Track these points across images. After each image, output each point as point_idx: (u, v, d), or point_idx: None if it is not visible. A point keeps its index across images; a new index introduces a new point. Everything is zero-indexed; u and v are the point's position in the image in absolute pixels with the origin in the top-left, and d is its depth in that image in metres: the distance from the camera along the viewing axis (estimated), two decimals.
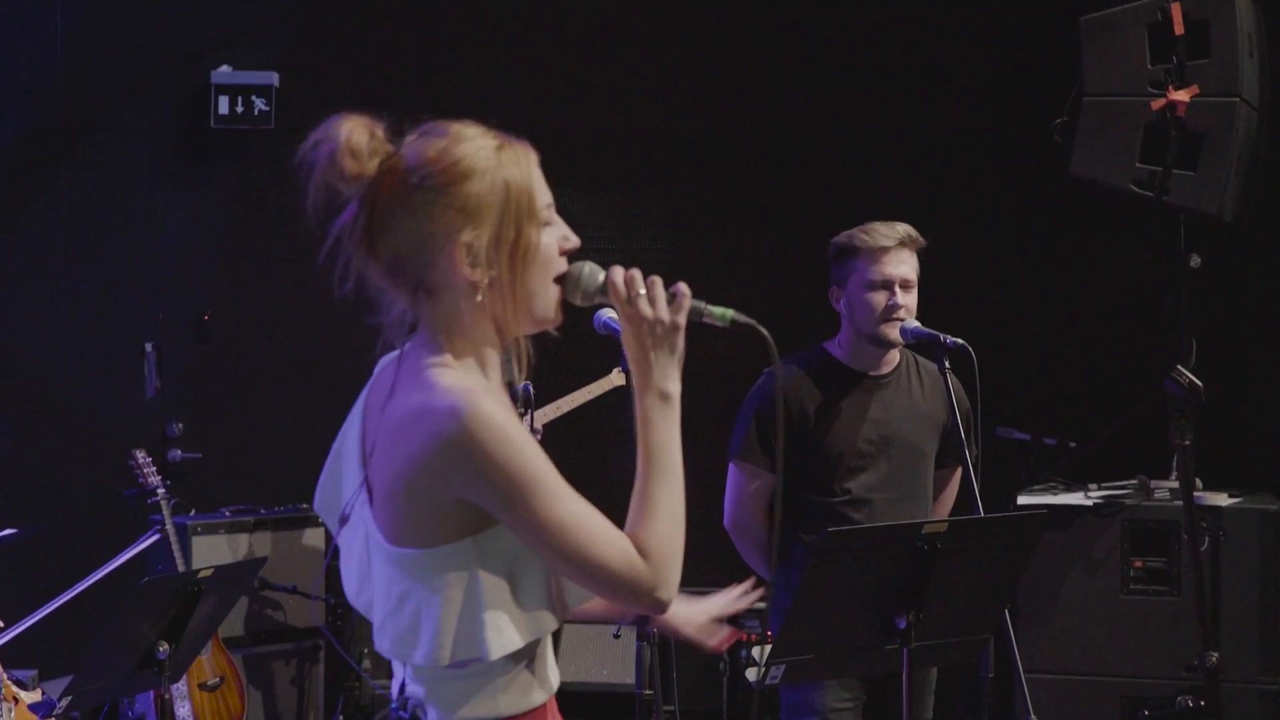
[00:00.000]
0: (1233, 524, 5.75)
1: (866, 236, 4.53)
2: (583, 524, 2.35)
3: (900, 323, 4.48)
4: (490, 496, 2.33)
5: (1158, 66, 5.91)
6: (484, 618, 2.36)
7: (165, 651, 4.40)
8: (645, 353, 2.46)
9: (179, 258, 7.78)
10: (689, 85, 7.72)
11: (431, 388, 2.37)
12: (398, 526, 2.39)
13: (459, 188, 2.42)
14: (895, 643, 3.76)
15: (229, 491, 7.31)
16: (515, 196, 2.44)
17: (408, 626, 2.40)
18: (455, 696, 2.44)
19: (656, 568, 2.38)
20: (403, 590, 2.39)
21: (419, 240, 2.43)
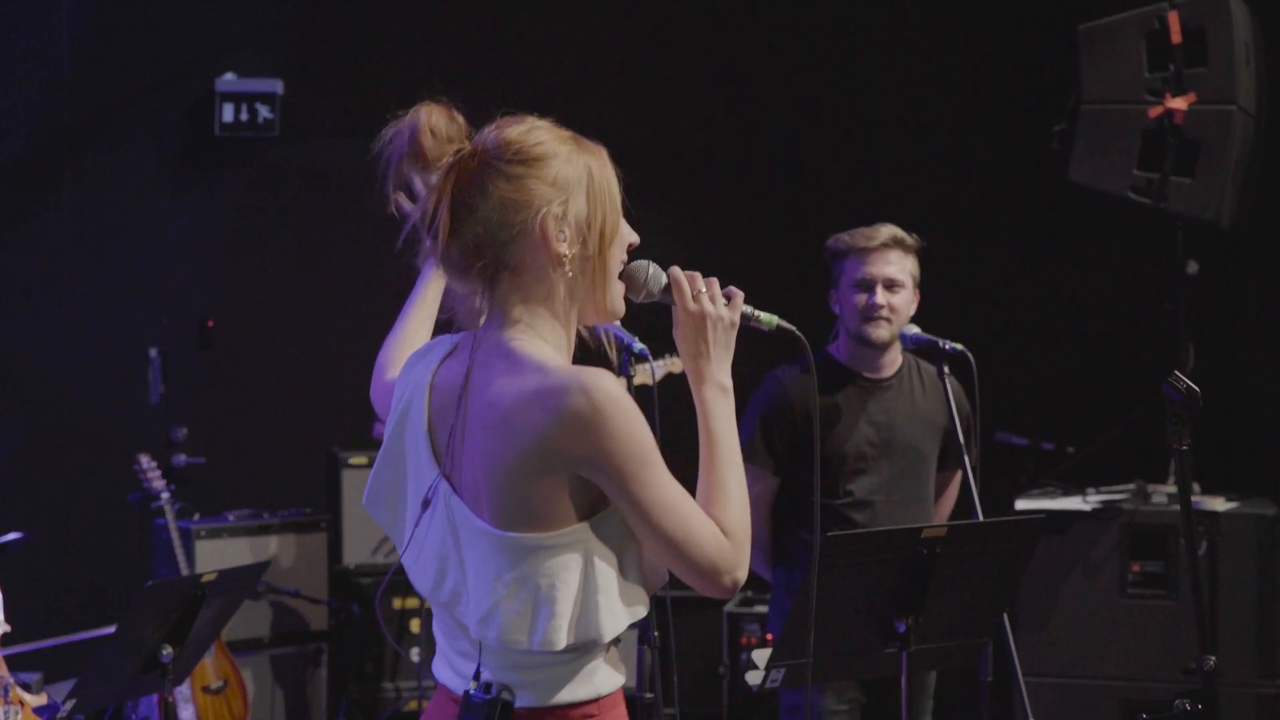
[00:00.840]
0: (1230, 528, 5.78)
1: (849, 238, 4.62)
2: (686, 504, 2.44)
3: (884, 322, 4.52)
4: (609, 472, 2.38)
5: (1155, 74, 5.94)
6: (598, 600, 2.42)
7: (169, 655, 4.41)
8: (705, 348, 2.58)
9: (183, 263, 7.80)
10: (689, 93, 7.75)
11: (543, 369, 2.41)
12: (509, 511, 2.41)
13: (547, 163, 2.50)
14: (895, 646, 3.78)
15: (233, 496, 7.34)
16: (597, 181, 2.52)
17: (521, 613, 2.42)
18: (556, 681, 2.48)
19: (737, 548, 2.48)
20: (516, 576, 2.41)
21: (506, 215, 2.48)
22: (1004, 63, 7.64)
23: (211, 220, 7.84)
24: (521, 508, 2.40)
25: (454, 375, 2.52)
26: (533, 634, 2.42)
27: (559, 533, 2.41)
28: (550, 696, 2.48)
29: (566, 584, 2.41)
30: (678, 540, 2.42)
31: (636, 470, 2.39)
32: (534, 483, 2.39)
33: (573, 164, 2.51)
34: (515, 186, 2.47)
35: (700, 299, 2.59)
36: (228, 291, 7.84)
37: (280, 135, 7.66)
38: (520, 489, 2.40)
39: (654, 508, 2.41)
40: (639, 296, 2.60)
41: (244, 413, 7.82)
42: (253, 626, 7.00)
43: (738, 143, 7.76)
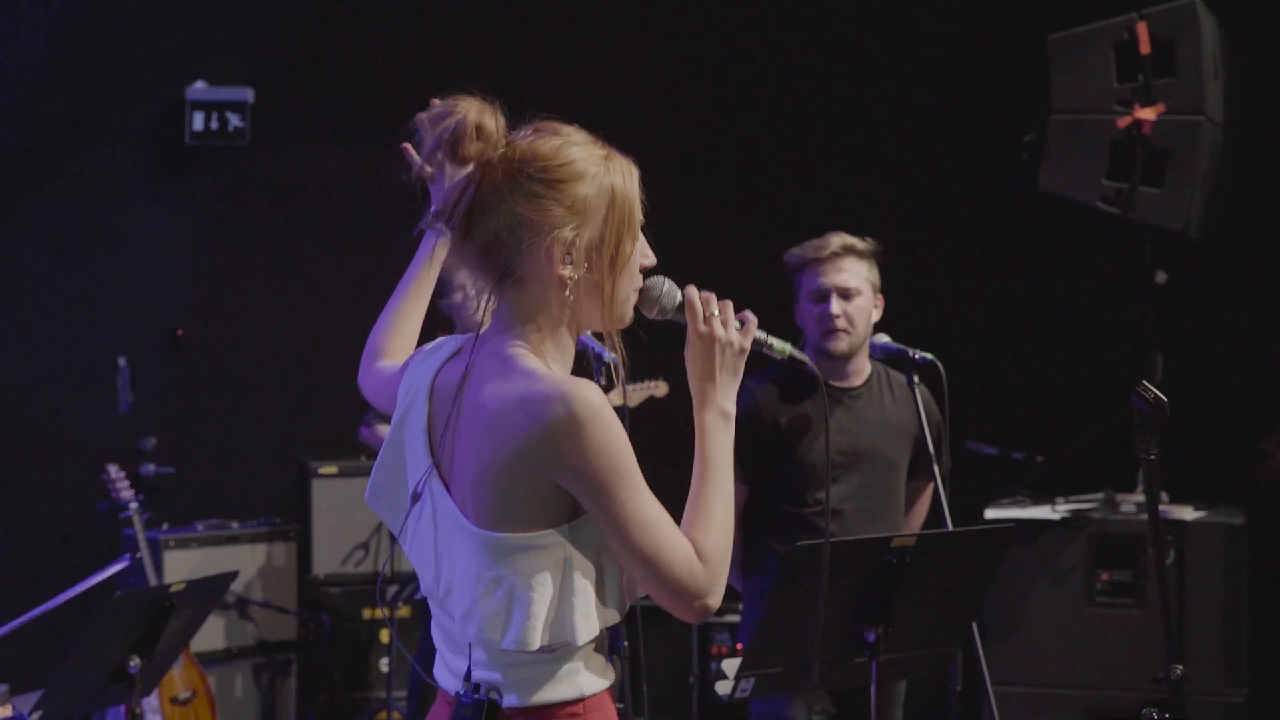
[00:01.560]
0: (1198, 537, 5.80)
1: (800, 251, 4.63)
2: (660, 523, 2.45)
3: (842, 334, 4.53)
4: (585, 483, 2.41)
5: (1124, 85, 5.97)
6: (575, 603, 2.45)
7: (136, 666, 4.39)
8: (712, 371, 2.60)
9: (153, 272, 7.78)
10: (661, 105, 7.76)
11: (531, 375, 2.45)
12: (491, 511, 2.45)
13: (569, 186, 2.52)
14: (864, 655, 3.78)
15: (202, 506, 7.32)
16: (619, 205, 2.55)
17: (497, 611, 2.45)
18: (538, 680, 2.50)
19: (711, 573, 2.48)
20: (494, 575, 2.45)
21: (519, 228, 2.51)
22: (974, 73, 7.66)
23: (182, 229, 7.82)
24: (502, 508, 2.44)
25: (454, 376, 2.56)
26: (507, 631, 2.45)
27: (538, 534, 2.44)
28: (533, 695, 2.50)
29: (543, 585, 2.44)
30: (648, 557, 2.44)
31: (612, 484, 2.41)
32: (514, 486, 2.43)
33: (596, 186, 2.54)
34: (532, 205, 2.51)
35: (712, 321, 2.62)
36: (198, 300, 7.82)
37: (251, 144, 7.65)
38: (501, 490, 2.43)
39: (627, 523, 2.42)
40: (652, 313, 2.63)
41: (213, 422, 7.80)
42: (221, 637, 6.97)
43: (710, 152, 7.77)
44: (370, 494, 2.67)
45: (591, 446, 2.39)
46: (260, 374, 7.86)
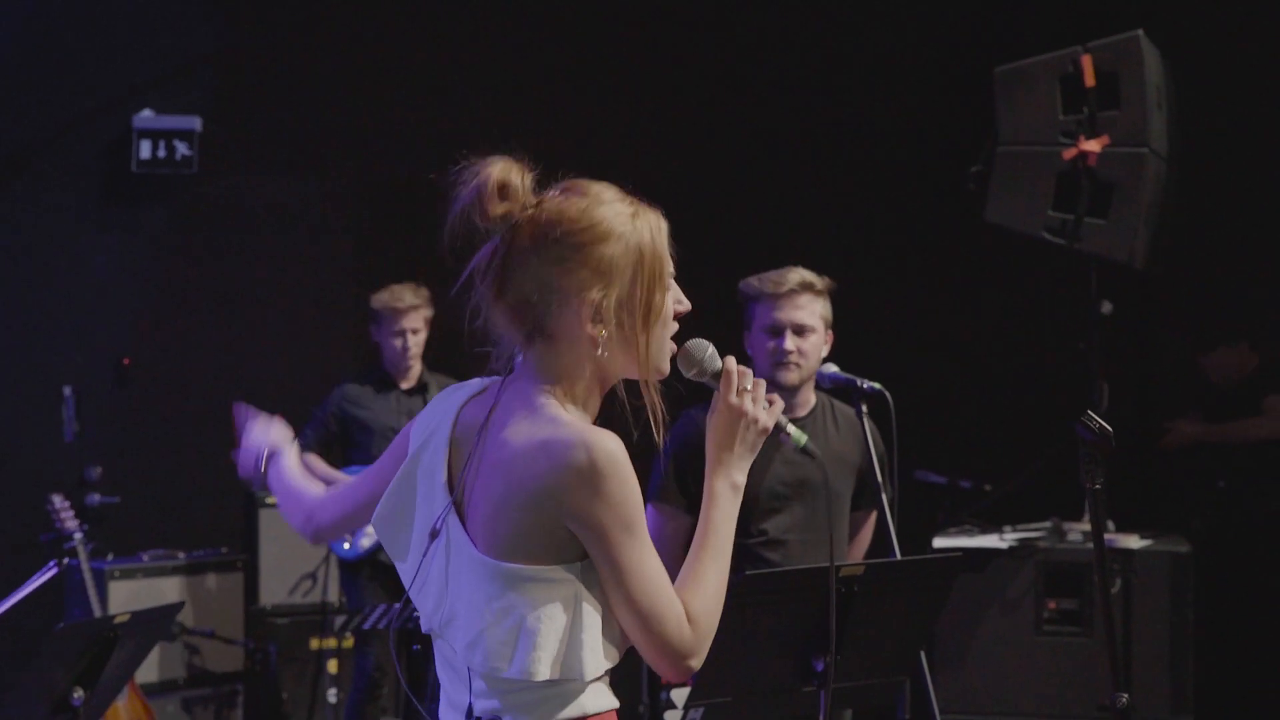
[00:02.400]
0: (1144, 565, 5.84)
1: (758, 283, 4.62)
2: (659, 581, 2.51)
3: (794, 367, 4.53)
4: (593, 531, 2.46)
5: (1069, 117, 6.02)
6: (584, 639, 2.49)
7: (80, 698, 4.35)
8: (733, 442, 2.69)
9: (99, 301, 7.73)
10: (606, 125, 7.77)
11: (556, 422, 2.50)
12: (504, 542, 2.49)
13: (595, 249, 2.56)
14: (813, 685, 3.78)
15: (147, 536, 7.27)
16: (648, 262, 2.59)
17: (505, 640, 2.49)
18: (541, 704, 2.52)
19: (699, 636, 2.55)
20: (504, 605, 2.49)
21: (548, 291, 2.55)
22: (921, 104, 7.72)
23: (129, 257, 7.78)
24: (515, 540, 2.48)
25: (477, 414, 2.61)
26: (513, 661, 2.49)
27: (550, 568, 2.48)
28: (536, 717, 2.53)
29: (552, 618, 2.48)
30: (643, 612, 2.49)
31: (620, 536, 2.47)
32: (528, 522, 2.48)
33: (623, 246, 2.58)
34: (561, 269, 2.55)
35: (744, 396, 2.68)
36: (144, 329, 7.78)
37: (199, 172, 7.62)
38: (515, 524, 2.48)
39: (628, 575, 2.48)
40: (689, 373, 2.69)
41: (160, 452, 7.75)
42: (167, 668, 6.92)
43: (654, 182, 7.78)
44: (377, 518, 2.70)
45: (605, 496, 2.45)
46: (207, 403, 7.80)
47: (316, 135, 7.83)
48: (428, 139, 7.60)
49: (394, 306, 6.67)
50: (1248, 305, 7.64)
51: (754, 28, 7.94)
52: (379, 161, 7.75)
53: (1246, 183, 7.61)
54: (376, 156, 7.76)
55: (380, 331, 6.75)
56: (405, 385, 6.80)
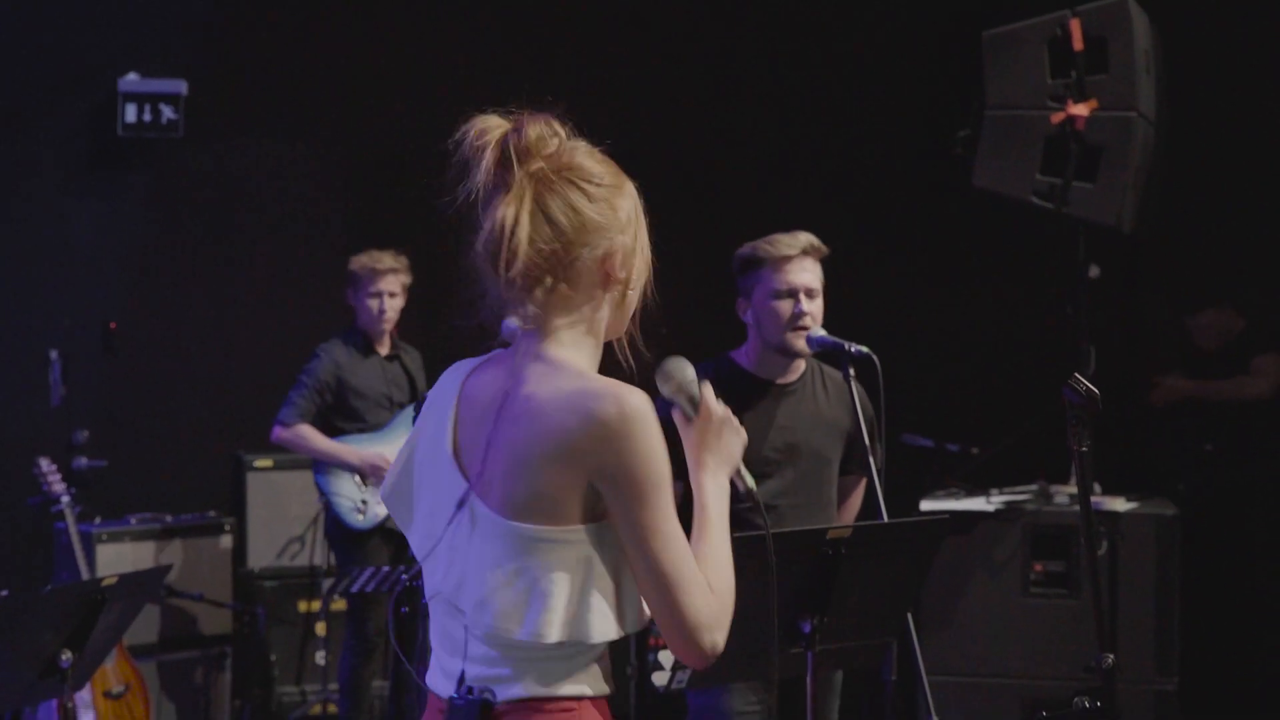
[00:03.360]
0: (1130, 528, 5.86)
1: (770, 247, 4.56)
2: (683, 546, 2.49)
3: (806, 331, 4.52)
4: (620, 488, 2.45)
5: (1057, 81, 6.02)
6: (592, 602, 2.47)
7: (68, 660, 4.35)
8: (719, 447, 2.73)
9: (86, 265, 7.71)
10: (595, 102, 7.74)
11: (584, 377, 2.51)
12: (518, 501, 2.47)
13: (620, 198, 2.63)
14: (800, 646, 3.80)
15: (135, 499, 7.26)
16: (641, 225, 2.67)
17: (516, 602, 2.47)
18: (544, 674, 2.51)
19: (722, 609, 2.53)
20: (516, 566, 2.47)
21: (583, 233, 2.56)
22: (909, 69, 7.71)
23: (115, 221, 7.76)
24: (530, 499, 2.46)
25: (486, 384, 2.59)
26: (524, 623, 2.47)
27: (564, 529, 2.46)
28: (530, 689, 2.51)
29: (564, 580, 2.46)
30: (670, 579, 2.46)
31: (647, 493, 2.46)
32: (549, 478, 2.46)
33: (631, 199, 2.65)
34: (596, 209, 2.58)
35: (722, 418, 2.73)
36: (131, 293, 7.76)
37: (184, 136, 7.59)
38: (532, 480, 2.46)
39: (655, 536, 2.46)
40: (668, 389, 2.72)
41: (147, 416, 7.74)
42: (155, 631, 6.93)
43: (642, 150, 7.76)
44: (386, 493, 2.71)
45: (635, 451, 2.44)
46: (194, 367, 7.81)
47: (303, 99, 7.81)
48: (416, 103, 7.57)
49: (373, 268, 6.65)
50: (1234, 269, 7.65)
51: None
52: (367, 125, 7.73)
53: (1234, 147, 7.62)
54: (364, 120, 7.74)
55: (357, 294, 6.73)
56: (382, 351, 6.78)
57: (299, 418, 6.55)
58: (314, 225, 7.91)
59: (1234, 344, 7.51)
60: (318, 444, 6.58)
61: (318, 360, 6.66)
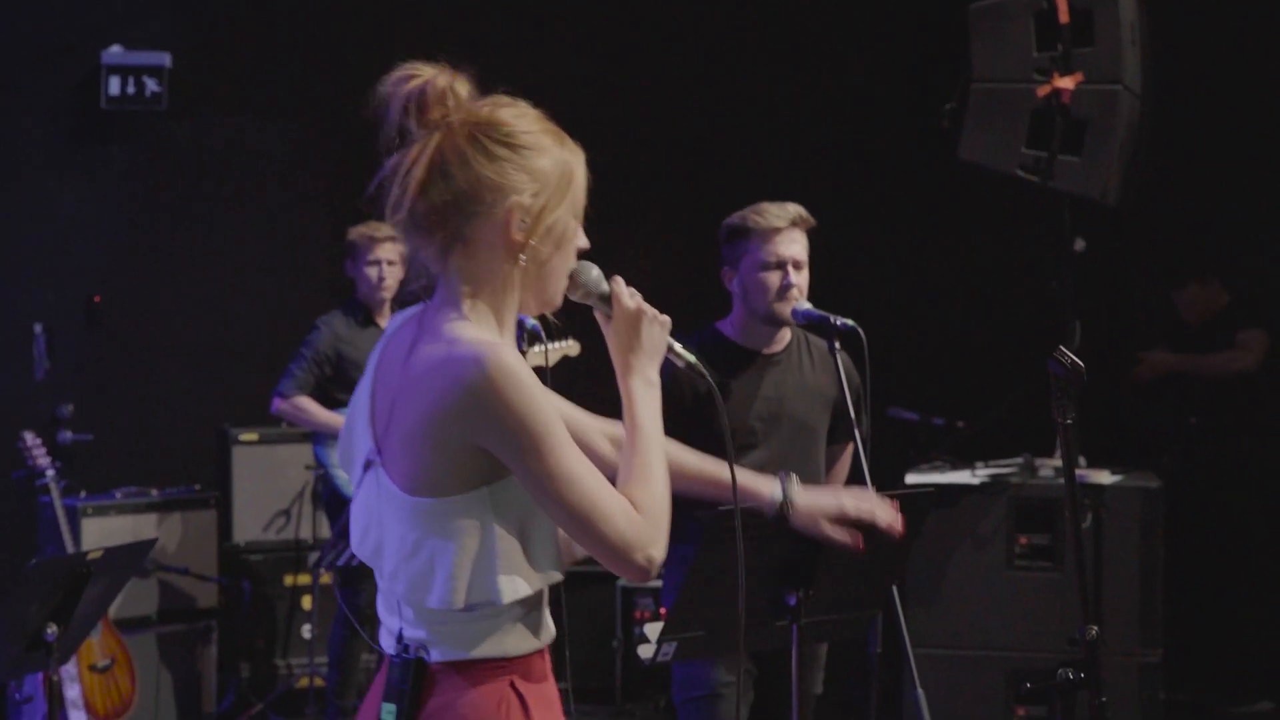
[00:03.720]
0: (1115, 501, 5.87)
1: (759, 217, 4.56)
2: (591, 479, 2.49)
3: (794, 301, 4.52)
4: (506, 444, 2.45)
5: (1044, 54, 6.01)
6: (497, 564, 2.48)
7: (53, 634, 4.35)
8: (639, 344, 2.71)
9: (70, 239, 7.69)
10: (578, 68, 7.74)
11: (453, 340, 2.48)
12: (415, 477, 2.49)
13: (532, 154, 2.55)
14: (785, 619, 3.80)
15: (120, 473, 7.25)
16: (572, 185, 2.60)
17: (422, 572, 2.50)
18: (466, 637, 2.54)
19: (651, 525, 2.53)
20: (417, 538, 2.49)
21: (477, 191, 2.53)
22: (895, 42, 7.70)
23: (98, 195, 7.74)
24: (423, 473, 2.48)
25: (398, 345, 2.60)
26: (430, 592, 2.50)
27: (458, 498, 2.48)
28: (461, 651, 2.54)
29: (464, 547, 2.48)
30: (582, 513, 2.48)
31: (533, 444, 2.45)
32: (434, 449, 2.46)
33: (553, 160, 2.58)
34: (495, 168, 2.53)
35: (637, 298, 2.72)
36: (115, 267, 7.75)
37: (168, 109, 7.57)
38: (423, 454, 2.48)
39: (554, 480, 2.46)
40: (576, 295, 2.70)
41: (132, 389, 7.73)
42: (141, 604, 6.93)
43: (628, 121, 7.76)
44: (339, 456, 2.73)
45: (508, 406, 2.42)
46: (179, 340, 7.80)
47: (288, 72, 7.78)
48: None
49: (371, 236, 6.63)
50: (1219, 242, 7.66)
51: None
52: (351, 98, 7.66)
53: (1219, 120, 7.62)
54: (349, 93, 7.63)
55: (356, 264, 6.71)
56: (381, 323, 6.77)
57: (298, 390, 6.55)
58: (298, 198, 7.89)
59: (1219, 318, 7.52)
60: (317, 416, 6.58)
61: (317, 333, 6.64)
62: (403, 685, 2.54)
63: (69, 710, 6.14)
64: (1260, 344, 7.39)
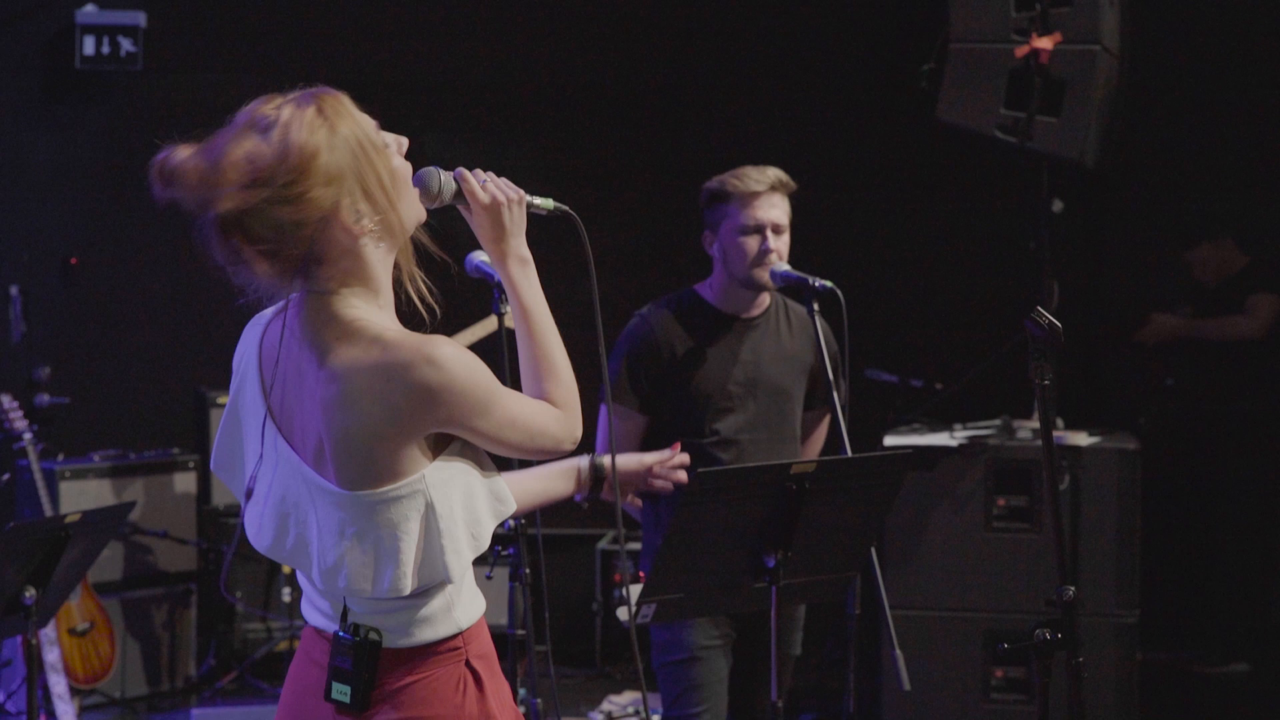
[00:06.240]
0: (1092, 462, 5.88)
1: (738, 181, 4.54)
2: (525, 409, 2.60)
3: (772, 266, 4.52)
4: (462, 420, 2.50)
5: (1022, 14, 5.99)
6: (442, 543, 2.51)
7: (31, 597, 4.34)
8: (504, 230, 2.71)
9: (45, 200, 7.65)
10: (560, 32, 7.70)
11: (381, 340, 2.48)
12: (355, 473, 2.48)
13: (313, 171, 2.47)
14: (764, 581, 3.81)
15: (98, 436, 7.24)
16: (360, 145, 2.52)
17: (365, 563, 2.50)
18: (415, 623, 2.56)
19: (572, 415, 2.66)
20: (358, 529, 2.50)
21: (301, 231, 2.48)
22: (873, 2, 7.68)
23: (73, 156, 7.69)
24: (366, 469, 2.48)
25: (276, 343, 2.58)
26: (378, 582, 2.50)
27: (400, 484, 2.49)
28: (413, 637, 2.56)
29: (408, 533, 2.49)
30: (525, 441, 2.59)
31: (484, 412, 2.52)
32: (383, 449, 2.48)
33: (334, 146, 2.50)
34: (297, 206, 2.47)
35: (489, 188, 2.72)
36: (91, 228, 7.71)
37: (143, 69, 7.52)
38: (369, 454, 2.48)
39: (502, 429, 2.55)
40: (433, 204, 2.71)
41: (108, 352, 7.71)
42: (120, 568, 6.92)
43: (608, 84, 7.73)
44: (215, 464, 2.69)
45: (464, 391, 2.48)
46: (155, 302, 7.77)
47: (263, 32, 7.73)
48: (377, 36, 7.51)
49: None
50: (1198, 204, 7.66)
51: None
52: (326, 59, 7.66)
53: (1198, 80, 7.62)
54: (323, 54, 7.67)
55: None
56: None
57: None
58: None
59: (1234, 279, 7.45)
60: None
61: None
62: (356, 667, 2.55)
63: (48, 673, 6.14)
64: (1268, 309, 7.33)
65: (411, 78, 7.28)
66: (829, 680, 6.63)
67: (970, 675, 5.87)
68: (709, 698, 4.46)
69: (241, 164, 2.46)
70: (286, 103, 2.53)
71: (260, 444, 2.57)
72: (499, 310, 3.92)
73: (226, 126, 2.53)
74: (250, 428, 2.61)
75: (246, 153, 2.47)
